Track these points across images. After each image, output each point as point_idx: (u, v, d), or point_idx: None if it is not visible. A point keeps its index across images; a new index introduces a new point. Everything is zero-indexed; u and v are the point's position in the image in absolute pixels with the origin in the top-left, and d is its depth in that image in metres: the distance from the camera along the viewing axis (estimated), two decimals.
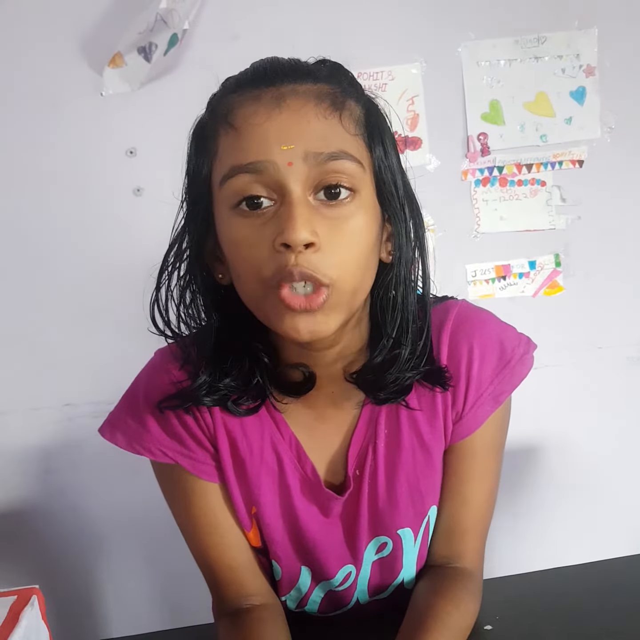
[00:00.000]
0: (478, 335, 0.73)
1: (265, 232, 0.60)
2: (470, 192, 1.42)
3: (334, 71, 0.65)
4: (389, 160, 0.65)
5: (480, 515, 0.77)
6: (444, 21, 1.36)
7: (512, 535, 1.48)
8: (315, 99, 0.61)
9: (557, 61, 1.39)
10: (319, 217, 0.59)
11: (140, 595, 1.52)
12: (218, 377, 0.68)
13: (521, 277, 1.45)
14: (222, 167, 0.62)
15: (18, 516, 1.44)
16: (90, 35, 1.31)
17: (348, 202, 0.61)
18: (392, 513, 0.75)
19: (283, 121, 0.59)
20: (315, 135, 0.59)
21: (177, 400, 0.70)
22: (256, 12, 1.32)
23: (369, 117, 0.65)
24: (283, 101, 0.60)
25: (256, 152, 0.59)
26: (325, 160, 0.59)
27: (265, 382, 0.70)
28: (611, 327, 1.48)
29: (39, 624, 0.54)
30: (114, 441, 0.75)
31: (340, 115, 0.61)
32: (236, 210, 0.61)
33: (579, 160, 1.42)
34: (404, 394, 0.70)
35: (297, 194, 0.59)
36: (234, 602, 0.75)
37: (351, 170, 0.60)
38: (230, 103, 0.62)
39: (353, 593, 0.81)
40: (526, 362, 0.74)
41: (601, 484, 1.52)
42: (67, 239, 1.37)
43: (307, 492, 0.74)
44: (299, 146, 0.58)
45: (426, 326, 0.70)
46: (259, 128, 0.59)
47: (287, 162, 0.58)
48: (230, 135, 0.61)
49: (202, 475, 0.73)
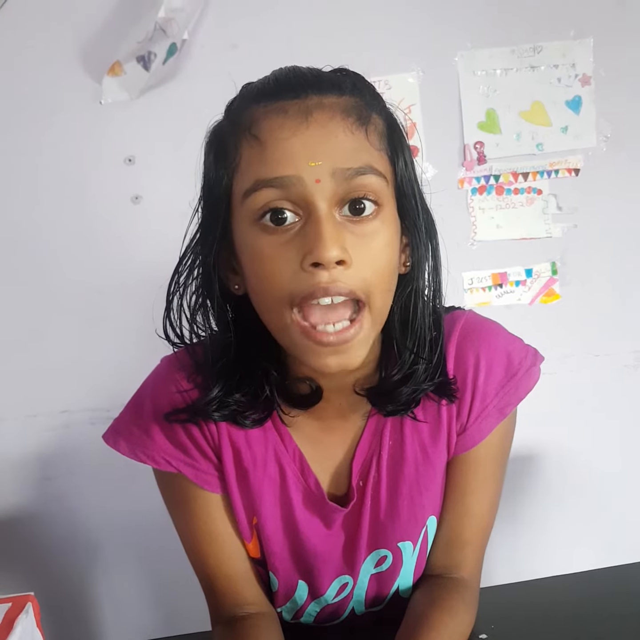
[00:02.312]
0: (485, 347, 0.72)
1: (291, 251, 0.59)
2: (466, 201, 1.43)
3: (357, 83, 0.64)
4: (408, 172, 0.65)
5: (481, 526, 0.77)
6: (440, 31, 1.37)
7: (509, 543, 1.48)
8: (341, 113, 0.60)
9: (553, 70, 1.39)
10: (346, 233, 0.59)
11: (136, 603, 1.51)
12: (228, 391, 0.68)
13: (518, 285, 1.46)
14: (245, 181, 0.60)
15: (14, 523, 1.43)
16: (89, 44, 1.32)
17: (373, 217, 0.60)
18: (393, 525, 0.75)
19: (310, 136, 0.58)
20: (342, 151, 0.59)
21: (186, 414, 0.70)
22: (254, 22, 1.33)
23: (391, 130, 0.64)
24: (310, 115, 0.59)
25: (283, 167, 0.58)
26: (352, 176, 0.58)
27: (274, 395, 0.69)
28: (608, 335, 1.48)
29: (33, 631, 0.54)
30: (117, 448, 0.74)
31: (367, 129, 0.61)
32: (259, 224, 0.60)
33: (575, 168, 1.43)
34: (412, 407, 0.70)
35: (325, 211, 0.58)
36: (229, 610, 0.75)
37: (377, 185, 0.60)
38: (254, 114, 0.61)
39: (348, 604, 0.81)
40: (533, 375, 0.73)
41: (599, 492, 1.52)
42: (65, 246, 1.37)
43: (310, 505, 0.74)
44: (326, 162, 0.58)
45: (440, 338, 0.69)
46: (285, 142, 0.58)
47: (315, 178, 0.57)
48: (254, 148, 0.60)
49: (205, 486, 0.73)
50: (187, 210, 0.69)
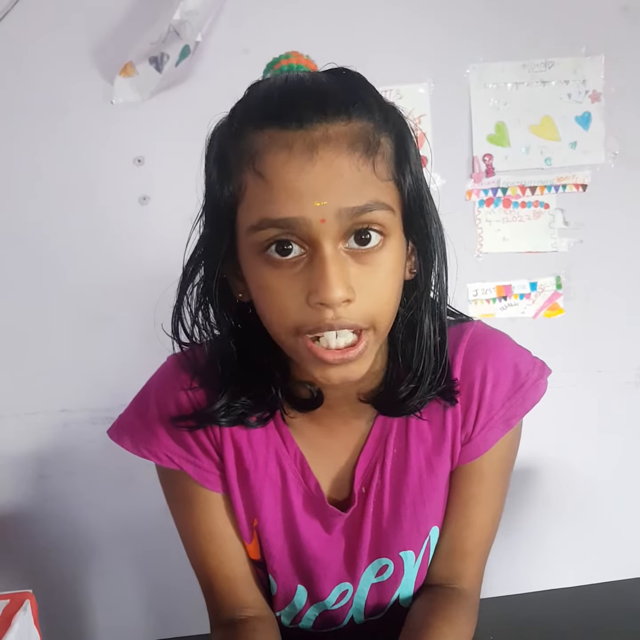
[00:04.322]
0: (493, 358, 0.72)
1: (297, 286, 0.59)
2: (474, 212, 1.43)
3: (364, 97, 0.61)
4: (417, 187, 0.64)
5: (483, 538, 0.76)
6: (453, 43, 1.37)
7: (508, 555, 1.47)
8: (348, 147, 0.58)
9: (564, 86, 1.40)
10: (351, 267, 0.59)
11: (131, 603, 1.50)
12: (235, 396, 0.68)
13: (522, 298, 1.46)
14: (250, 216, 0.60)
15: (11, 520, 1.43)
16: (102, 44, 1.32)
17: (379, 248, 0.60)
18: (396, 534, 0.74)
19: (316, 175, 0.57)
20: (348, 190, 0.58)
21: (194, 420, 0.70)
22: (266, 28, 1.33)
23: (399, 149, 0.63)
24: (315, 152, 0.57)
25: (290, 208, 0.57)
26: (358, 214, 0.58)
27: (278, 396, 0.70)
28: (610, 351, 1.48)
29: (30, 628, 0.54)
30: (121, 443, 0.75)
31: (374, 161, 0.59)
32: (265, 256, 0.60)
33: (582, 184, 1.43)
34: (417, 410, 0.70)
35: (329, 250, 0.58)
36: (228, 613, 0.74)
37: (383, 219, 0.60)
38: (257, 144, 0.59)
39: (348, 611, 0.80)
40: (540, 387, 0.73)
41: (599, 508, 1.52)
42: (71, 245, 1.37)
43: (310, 507, 0.74)
44: (332, 202, 0.57)
45: (445, 350, 0.69)
46: (291, 184, 0.57)
47: (320, 218, 0.57)
48: (260, 186, 0.59)
49: (206, 484, 0.73)
50: (194, 213, 0.69)
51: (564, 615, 0.80)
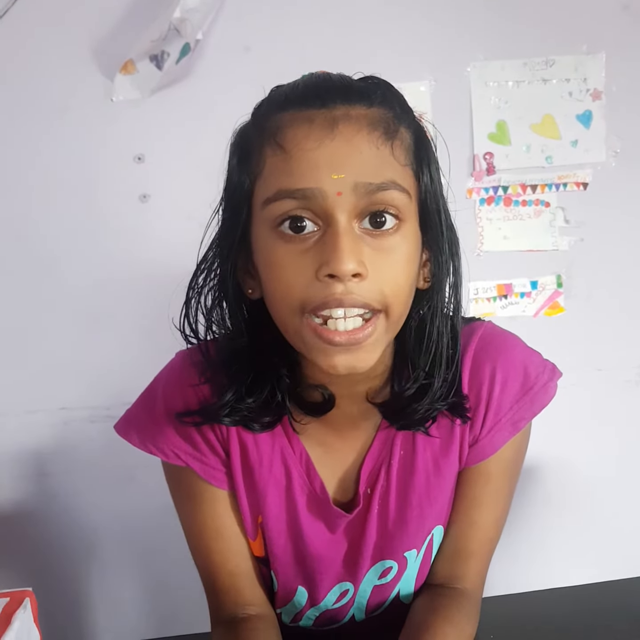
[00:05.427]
0: (502, 359, 0.71)
1: (307, 259, 0.58)
2: (474, 211, 1.43)
3: (387, 93, 0.64)
4: (434, 187, 0.64)
5: (487, 539, 0.76)
6: (454, 41, 1.37)
7: (508, 554, 1.47)
8: (367, 126, 0.59)
9: (565, 84, 1.40)
10: (365, 246, 0.58)
11: (131, 601, 1.50)
12: (240, 397, 0.68)
13: (522, 296, 1.45)
14: (267, 188, 0.60)
15: (11, 518, 1.43)
16: (103, 41, 1.32)
17: (393, 231, 0.60)
18: (401, 535, 0.74)
19: (335, 149, 0.58)
20: (366, 166, 0.58)
21: (199, 417, 0.70)
22: (267, 26, 1.33)
23: (418, 144, 0.64)
24: (336, 127, 0.58)
25: (307, 179, 0.58)
26: (374, 191, 0.58)
27: (285, 401, 0.69)
28: (611, 349, 1.48)
29: (30, 626, 0.54)
30: (128, 438, 0.75)
31: (392, 144, 0.60)
32: (278, 231, 0.60)
33: (583, 182, 1.43)
34: (427, 425, 0.69)
35: (343, 224, 0.58)
36: (230, 610, 0.74)
37: (399, 201, 0.60)
38: (280, 121, 0.60)
39: (349, 610, 0.80)
40: (549, 390, 0.73)
41: (599, 506, 1.52)
42: (71, 243, 1.37)
43: (314, 508, 0.74)
44: (349, 176, 0.57)
45: (457, 357, 0.68)
46: (310, 154, 0.58)
47: (337, 191, 0.57)
48: (278, 157, 0.60)
49: (212, 481, 0.73)
50: (194, 211, 0.69)
51: (565, 614, 0.80)
